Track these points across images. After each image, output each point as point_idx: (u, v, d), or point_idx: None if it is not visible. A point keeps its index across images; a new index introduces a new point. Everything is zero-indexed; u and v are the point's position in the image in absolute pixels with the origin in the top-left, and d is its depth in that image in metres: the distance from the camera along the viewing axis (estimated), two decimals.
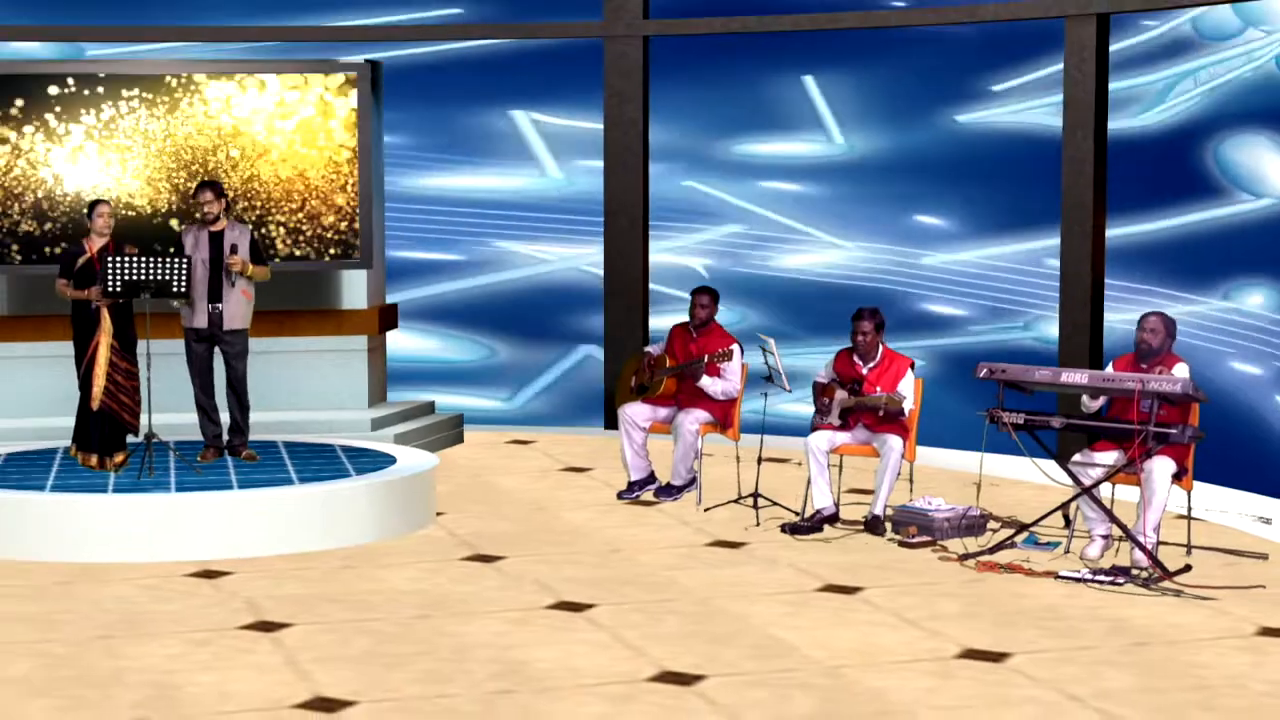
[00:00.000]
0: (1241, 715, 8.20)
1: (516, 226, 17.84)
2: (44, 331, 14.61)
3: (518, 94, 17.73)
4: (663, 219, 17.31)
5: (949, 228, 16.71)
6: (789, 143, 17.34)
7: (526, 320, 17.88)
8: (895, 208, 16.87)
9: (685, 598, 10.49)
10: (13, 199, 14.82)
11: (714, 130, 17.52)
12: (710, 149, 17.54)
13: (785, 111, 17.33)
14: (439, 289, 17.92)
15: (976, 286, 16.39)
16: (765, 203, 17.36)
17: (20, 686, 8.76)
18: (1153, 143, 15.73)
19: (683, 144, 17.45)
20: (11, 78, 15.03)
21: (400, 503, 12.46)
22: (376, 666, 9.07)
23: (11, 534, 11.72)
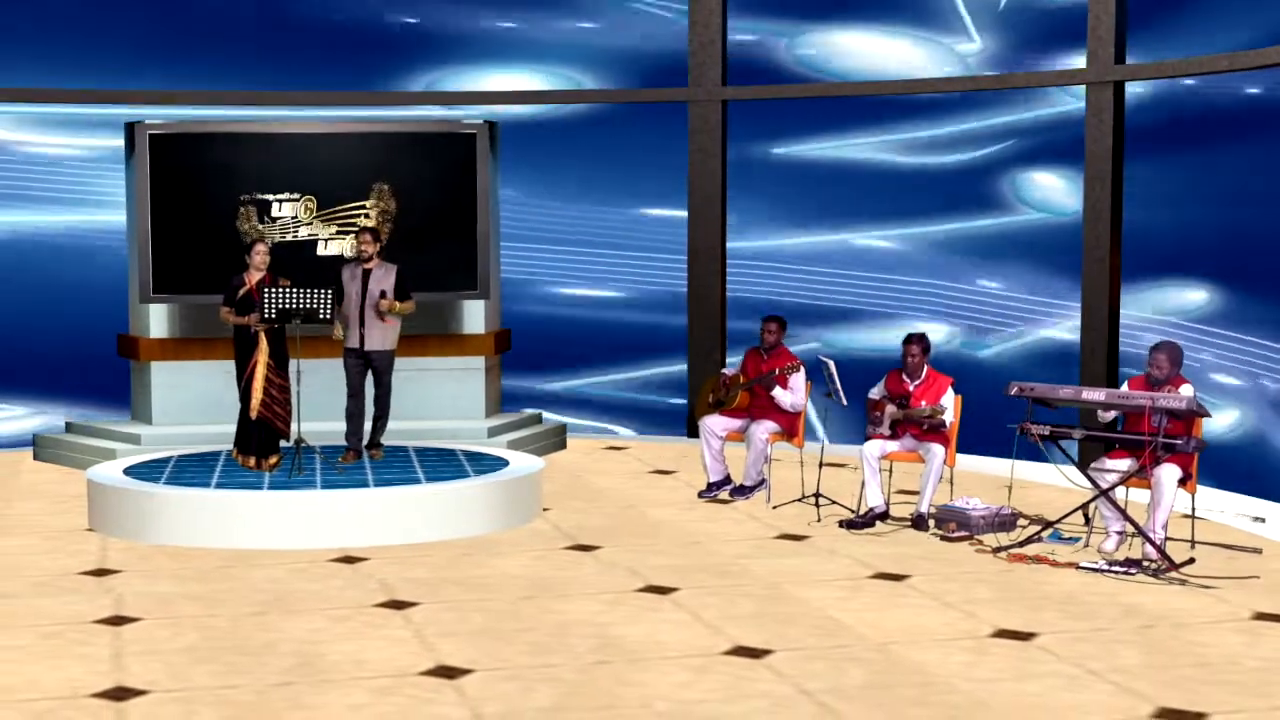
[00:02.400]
0: (1237, 688, 8.13)
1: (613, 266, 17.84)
2: (210, 351, 14.72)
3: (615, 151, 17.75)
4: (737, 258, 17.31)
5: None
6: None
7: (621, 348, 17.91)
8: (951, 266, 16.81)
9: (755, 583, 10.48)
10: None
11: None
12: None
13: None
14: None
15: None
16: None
17: (188, 655, 8.83)
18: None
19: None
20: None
21: (512, 500, 12.49)
22: (491, 640, 9.09)
23: (182, 524, 11.81)
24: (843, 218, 17.13)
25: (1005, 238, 16.28)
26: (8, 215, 16.90)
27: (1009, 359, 15.97)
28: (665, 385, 17.63)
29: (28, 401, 16.94)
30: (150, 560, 11.26)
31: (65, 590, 10.37)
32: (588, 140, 17.69)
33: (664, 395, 17.56)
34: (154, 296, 15.32)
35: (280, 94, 17.19)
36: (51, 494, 13.91)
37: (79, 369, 16.90)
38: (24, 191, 16.99)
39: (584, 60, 17.61)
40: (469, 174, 15.57)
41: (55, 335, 16.91)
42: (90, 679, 8.36)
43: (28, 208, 16.97)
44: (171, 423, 15.33)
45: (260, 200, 15.26)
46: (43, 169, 17.04)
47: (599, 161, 17.77)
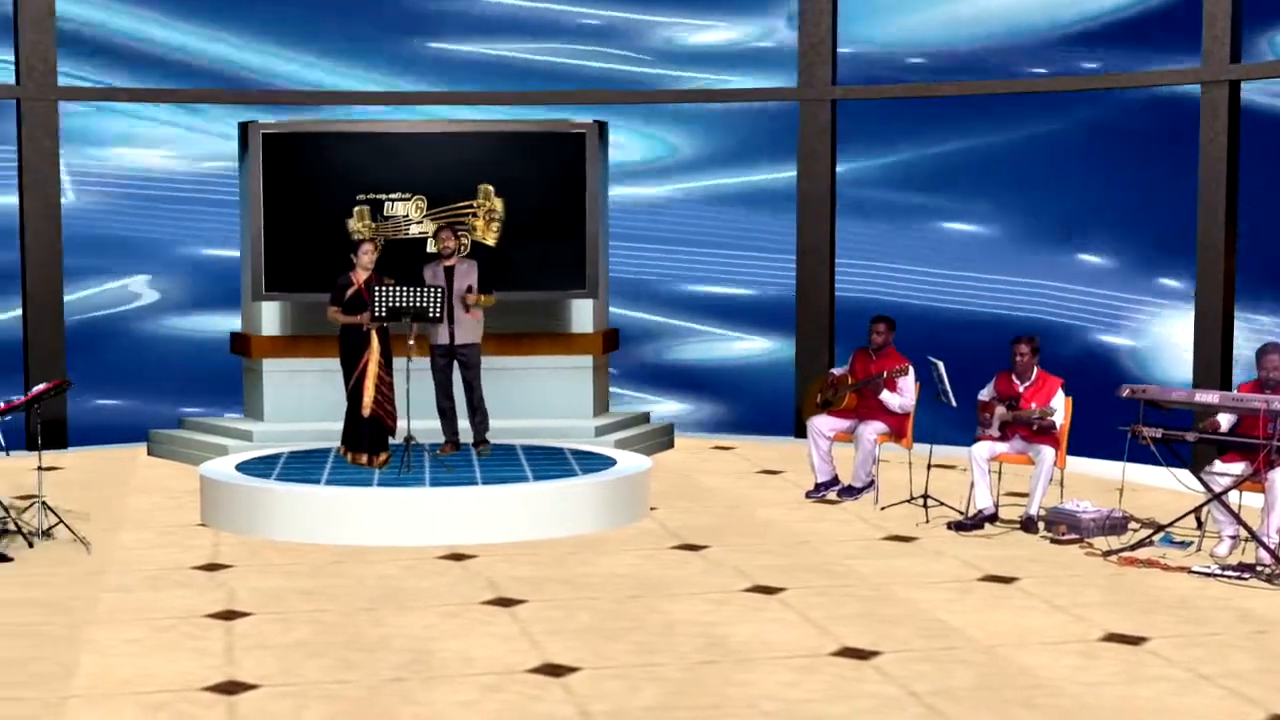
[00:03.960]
0: None
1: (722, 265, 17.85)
2: (321, 349, 14.84)
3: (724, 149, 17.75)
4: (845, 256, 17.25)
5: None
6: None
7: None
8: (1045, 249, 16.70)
9: (862, 584, 10.46)
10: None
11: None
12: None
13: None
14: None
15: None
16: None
17: (301, 649, 8.94)
18: None
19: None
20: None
21: (619, 498, 12.53)
22: (597, 638, 9.14)
23: (293, 520, 11.95)
24: (950, 216, 17.04)
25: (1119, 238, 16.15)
26: (128, 214, 17.13)
27: (1122, 360, 15.82)
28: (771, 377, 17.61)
29: (142, 397, 17.16)
30: (262, 555, 11.39)
31: (178, 584, 10.52)
32: (697, 135, 17.70)
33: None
34: (266, 294, 15.50)
35: (392, 94, 17.32)
36: (165, 489, 14.10)
37: (192, 365, 17.12)
38: (141, 189, 17.21)
39: (692, 59, 17.63)
40: (578, 173, 15.63)
41: (168, 331, 17.12)
42: (203, 672, 8.48)
43: (146, 206, 17.18)
44: (283, 419, 15.50)
45: (374, 200, 15.40)
46: (160, 167, 17.27)
47: (708, 158, 17.77)
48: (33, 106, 16.13)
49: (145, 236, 17.08)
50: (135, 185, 17.13)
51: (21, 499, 12.92)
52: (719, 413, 17.75)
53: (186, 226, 17.19)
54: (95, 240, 16.79)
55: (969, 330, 16.55)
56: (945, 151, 17.02)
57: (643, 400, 17.57)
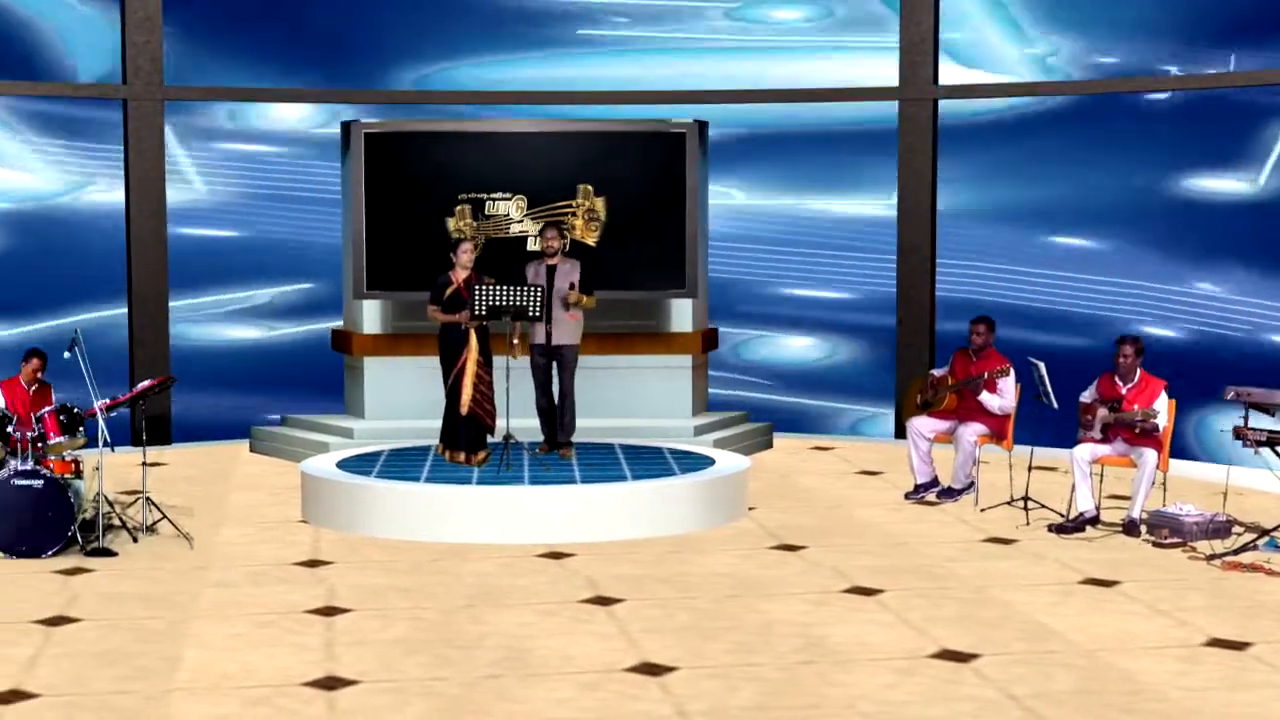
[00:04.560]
0: None
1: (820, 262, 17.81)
2: (421, 347, 14.89)
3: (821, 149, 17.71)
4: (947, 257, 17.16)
5: None
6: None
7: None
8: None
9: (962, 586, 10.41)
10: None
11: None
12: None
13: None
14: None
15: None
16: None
17: (399, 646, 8.99)
18: None
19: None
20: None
21: (717, 498, 12.53)
22: (695, 637, 9.14)
23: (393, 517, 12.02)
24: (1054, 218, 16.92)
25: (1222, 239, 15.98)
26: (230, 213, 17.29)
27: (1225, 363, 15.65)
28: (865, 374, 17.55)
29: (245, 394, 17.31)
30: (361, 552, 11.47)
31: (279, 580, 10.61)
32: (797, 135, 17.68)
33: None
34: (368, 292, 15.60)
35: (491, 93, 17.40)
36: (267, 486, 14.23)
37: (294, 363, 17.26)
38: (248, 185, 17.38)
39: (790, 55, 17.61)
40: (678, 173, 15.63)
41: (271, 328, 17.28)
42: (303, 668, 8.55)
43: (248, 205, 17.34)
44: (383, 417, 15.59)
45: (475, 199, 15.46)
46: (261, 166, 17.42)
47: (808, 158, 17.74)
48: (139, 106, 16.31)
49: (252, 233, 17.24)
50: (243, 181, 17.31)
51: (126, 494, 13.07)
52: (818, 413, 17.70)
53: (291, 224, 17.33)
54: (203, 238, 16.96)
55: (1070, 331, 16.43)
56: (1047, 150, 16.90)
57: (741, 397, 17.54)
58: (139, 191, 16.38)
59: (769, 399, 17.67)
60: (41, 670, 8.52)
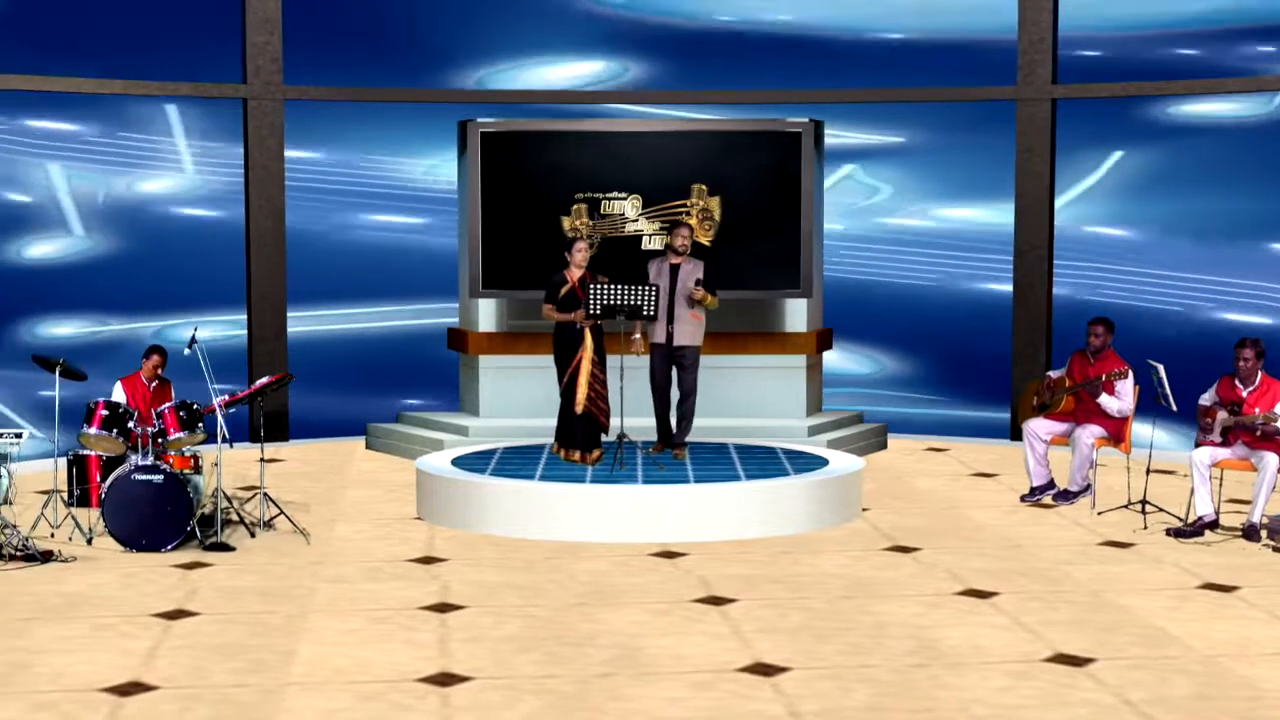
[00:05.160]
0: None
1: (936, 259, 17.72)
2: (536, 345, 14.94)
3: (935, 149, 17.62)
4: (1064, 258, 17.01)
5: None
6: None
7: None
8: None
9: (1078, 589, 10.32)
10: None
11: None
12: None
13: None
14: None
15: None
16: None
17: (511, 644, 9.03)
18: None
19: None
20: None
21: (831, 499, 12.49)
22: (808, 638, 9.12)
23: (507, 515, 12.07)
24: (1171, 218, 16.75)
25: None
26: (350, 214, 17.43)
27: None
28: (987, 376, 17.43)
29: (360, 392, 17.45)
30: (475, 549, 11.53)
31: (394, 576, 10.68)
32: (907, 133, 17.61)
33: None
34: (483, 291, 15.68)
35: (606, 93, 17.44)
36: (382, 483, 14.33)
37: (410, 361, 17.39)
38: (367, 188, 17.51)
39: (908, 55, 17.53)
40: (793, 172, 15.59)
41: (389, 327, 17.40)
42: (417, 664, 8.61)
43: (367, 205, 17.49)
44: (498, 415, 15.66)
45: (591, 198, 15.50)
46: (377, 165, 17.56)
47: (922, 156, 17.66)
48: (259, 105, 16.47)
49: (365, 232, 17.37)
50: (357, 182, 17.45)
51: (244, 490, 13.21)
52: (933, 413, 17.61)
53: (410, 223, 17.46)
54: (314, 235, 17.12)
55: (1190, 333, 16.25)
56: (1166, 148, 16.73)
57: (855, 398, 17.48)
58: (258, 190, 16.54)
59: (884, 399, 17.59)
60: (160, 663, 8.63)
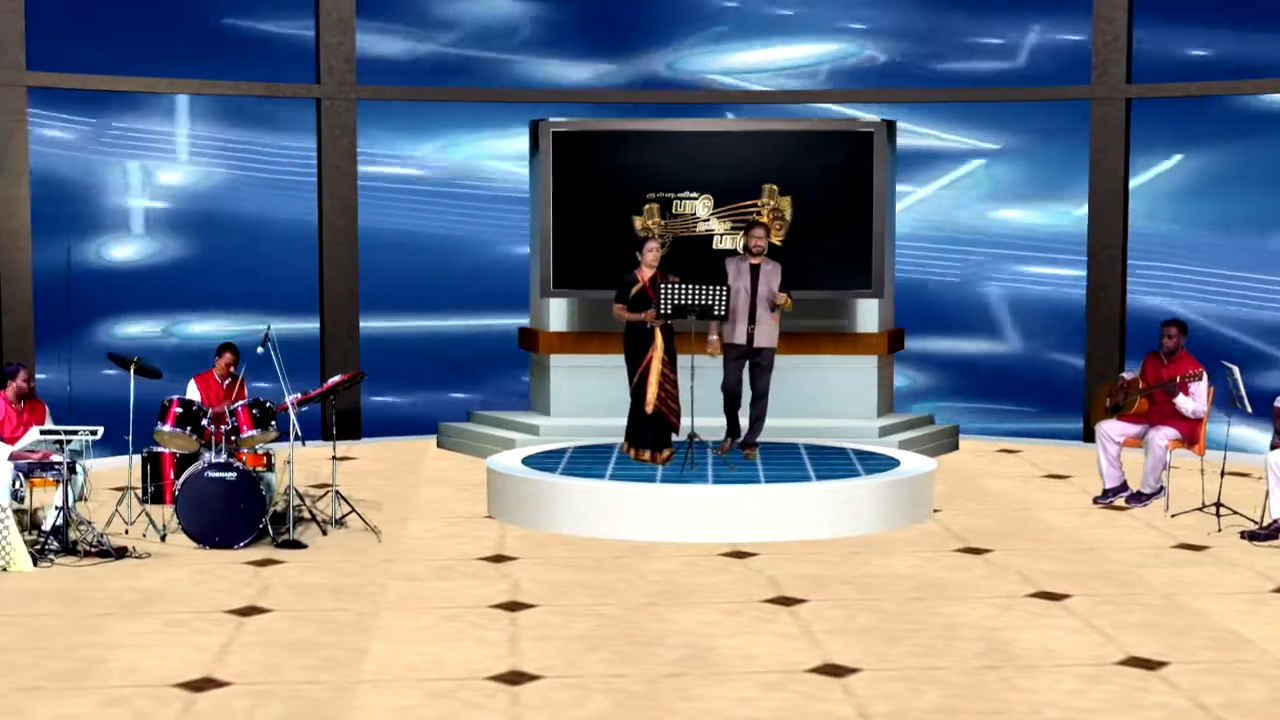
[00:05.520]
0: None
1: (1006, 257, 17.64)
2: (607, 345, 14.96)
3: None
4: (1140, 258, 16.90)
5: None
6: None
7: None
8: None
9: (1151, 593, 10.24)
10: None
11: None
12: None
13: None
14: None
15: None
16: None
17: (580, 643, 9.04)
18: None
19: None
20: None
21: (902, 499, 12.45)
22: (878, 639, 9.09)
23: (578, 514, 12.09)
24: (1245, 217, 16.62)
25: None
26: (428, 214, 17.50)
27: None
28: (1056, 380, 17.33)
29: (433, 390, 17.52)
30: (546, 548, 11.55)
31: (465, 575, 10.71)
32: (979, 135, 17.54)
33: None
34: (554, 291, 15.70)
35: (678, 92, 17.45)
36: (454, 481, 14.37)
37: (482, 360, 17.45)
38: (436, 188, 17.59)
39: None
40: (865, 172, 15.54)
41: (459, 326, 17.47)
42: (487, 662, 8.63)
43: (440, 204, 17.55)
44: (569, 414, 15.68)
45: (663, 198, 15.50)
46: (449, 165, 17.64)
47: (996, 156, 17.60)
48: (332, 105, 16.56)
49: (437, 231, 17.44)
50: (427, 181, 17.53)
51: (316, 488, 13.28)
52: (1005, 415, 17.52)
53: (477, 222, 17.51)
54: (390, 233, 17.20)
55: (1266, 335, 16.13)
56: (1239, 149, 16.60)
57: (927, 399, 17.41)
58: (331, 190, 16.62)
59: (955, 400, 17.52)
60: (233, 659, 8.69)
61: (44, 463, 11.54)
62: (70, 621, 9.47)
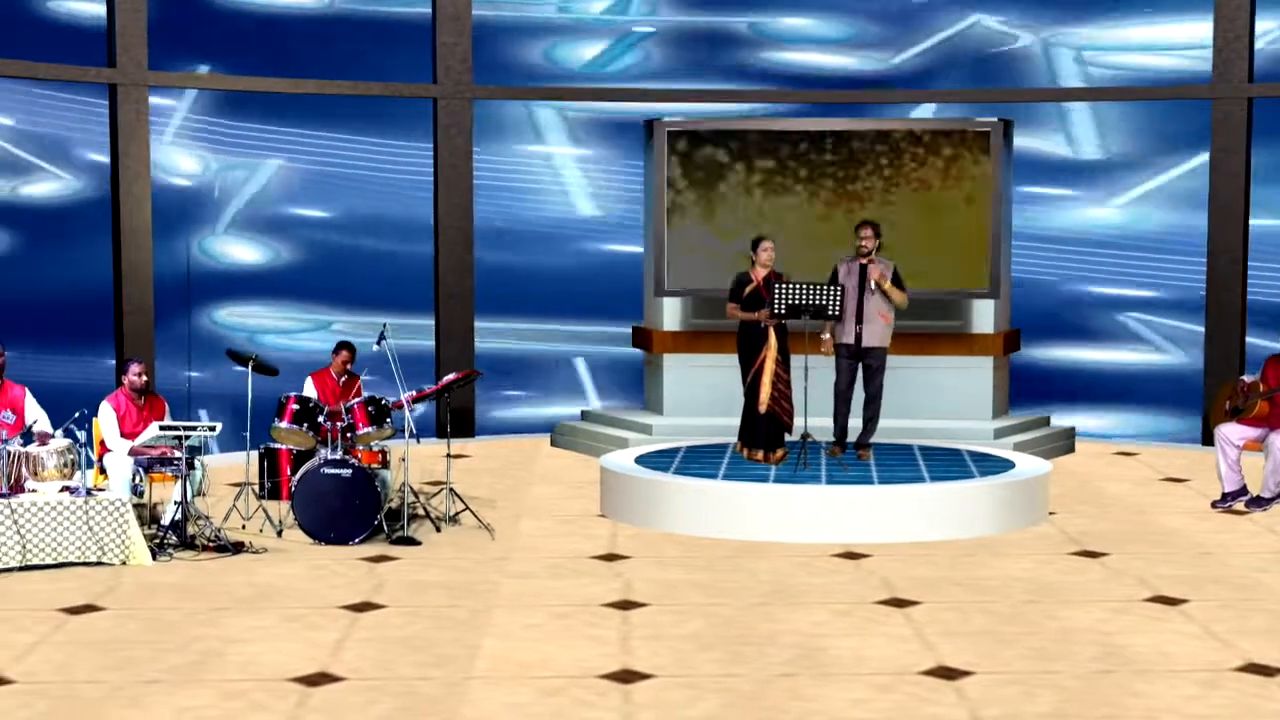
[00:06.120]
0: None
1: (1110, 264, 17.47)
2: (720, 345, 14.95)
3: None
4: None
5: None
6: None
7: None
8: None
9: (1271, 598, 10.11)
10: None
11: None
12: None
13: None
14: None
15: None
16: None
17: (691, 641, 9.04)
18: None
19: None
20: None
21: (1017, 502, 12.36)
22: (991, 642, 9.03)
23: (690, 514, 12.09)
24: None
25: None
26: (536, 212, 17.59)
27: None
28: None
29: (546, 389, 17.59)
30: (658, 547, 11.56)
31: (577, 573, 10.74)
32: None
33: None
34: (668, 290, 15.72)
35: (790, 92, 17.42)
36: (567, 480, 14.42)
37: (596, 360, 17.51)
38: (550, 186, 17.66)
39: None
40: (981, 171, 15.44)
41: (570, 324, 17.52)
42: (599, 660, 8.65)
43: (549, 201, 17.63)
44: (682, 414, 15.69)
45: (776, 196, 15.48)
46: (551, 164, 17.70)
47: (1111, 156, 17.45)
48: (448, 105, 16.66)
49: (546, 230, 17.52)
50: (539, 178, 17.61)
51: (430, 485, 13.36)
52: (1122, 418, 17.36)
53: (586, 220, 17.59)
54: (501, 232, 17.29)
55: None
56: None
57: (1043, 400, 17.27)
58: (447, 189, 16.73)
59: (1072, 402, 17.36)
60: (347, 655, 8.76)
61: (163, 458, 11.69)
62: (188, 615, 9.59)
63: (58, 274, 15.67)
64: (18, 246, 15.54)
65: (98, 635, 9.14)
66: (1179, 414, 17.11)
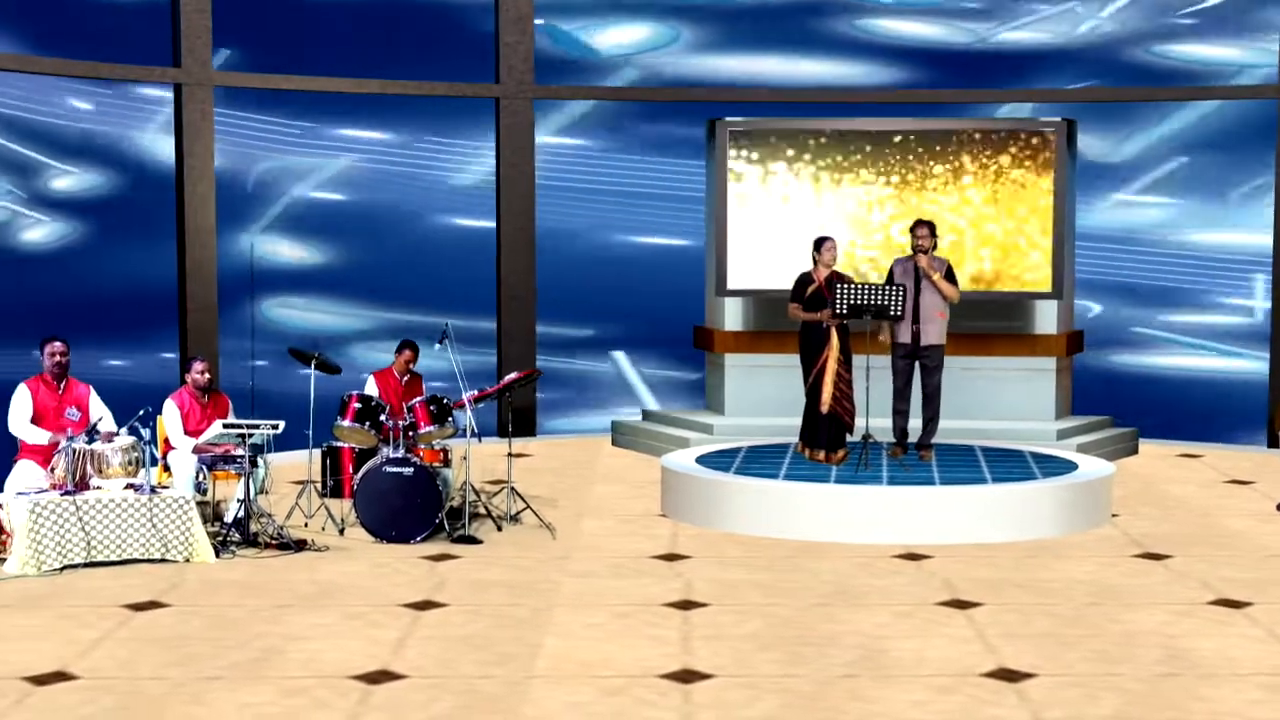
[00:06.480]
0: None
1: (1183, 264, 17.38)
2: (782, 345, 14.92)
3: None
4: None
5: None
6: None
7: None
8: None
9: None
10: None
11: None
12: None
13: None
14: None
15: None
16: None
17: (751, 642, 9.04)
18: None
19: None
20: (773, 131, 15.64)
21: (1080, 504, 12.30)
22: (1053, 645, 8.99)
23: (751, 514, 12.08)
24: None
25: None
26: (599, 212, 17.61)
27: None
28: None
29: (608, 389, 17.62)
30: (719, 547, 11.56)
31: (638, 573, 10.75)
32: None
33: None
34: (729, 290, 15.70)
35: (854, 91, 17.39)
36: (628, 479, 14.43)
37: (657, 359, 17.52)
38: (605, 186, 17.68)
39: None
40: (1044, 173, 15.36)
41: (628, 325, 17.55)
42: (659, 660, 8.65)
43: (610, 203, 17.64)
44: (743, 414, 15.67)
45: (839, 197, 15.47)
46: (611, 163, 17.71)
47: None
48: (510, 105, 16.70)
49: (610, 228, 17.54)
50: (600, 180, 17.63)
51: (491, 484, 13.39)
52: (1187, 419, 17.25)
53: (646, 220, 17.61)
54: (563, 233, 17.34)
55: None
56: None
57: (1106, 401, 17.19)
58: (509, 188, 16.77)
59: (1135, 404, 17.27)
60: (409, 653, 8.79)
61: (226, 456, 11.76)
62: (250, 612, 9.64)
63: (118, 270, 15.79)
64: (77, 241, 15.67)
65: (161, 632, 9.21)
66: (1245, 415, 17.00)
